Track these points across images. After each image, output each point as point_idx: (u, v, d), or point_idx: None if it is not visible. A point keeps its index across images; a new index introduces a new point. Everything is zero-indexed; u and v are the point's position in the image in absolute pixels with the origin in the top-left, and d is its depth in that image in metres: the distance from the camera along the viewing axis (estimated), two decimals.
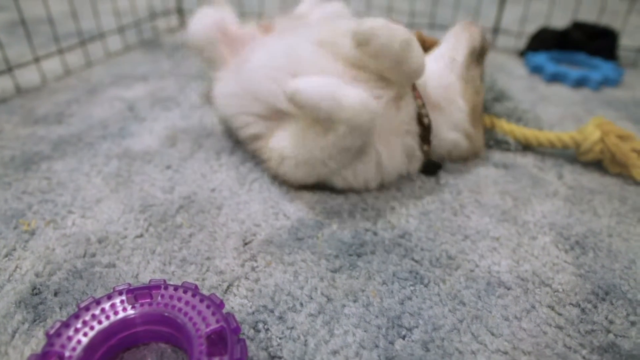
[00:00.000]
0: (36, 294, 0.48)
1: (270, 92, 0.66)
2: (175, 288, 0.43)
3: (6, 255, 0.53)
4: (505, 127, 0.82)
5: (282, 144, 0.65)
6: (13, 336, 0.44)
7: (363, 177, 0.65)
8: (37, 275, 0.51)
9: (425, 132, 0.69)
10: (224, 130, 0.83)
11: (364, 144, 0.61)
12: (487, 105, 0.92)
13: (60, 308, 0.47)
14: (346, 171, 0.65)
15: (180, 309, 0.42)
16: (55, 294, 0.48)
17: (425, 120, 0.68)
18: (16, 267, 0.52)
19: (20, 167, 0.70)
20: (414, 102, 0.68)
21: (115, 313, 0.41)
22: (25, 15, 1.00)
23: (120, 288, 0.43)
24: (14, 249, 0.54)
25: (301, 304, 0.49)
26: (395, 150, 0.67)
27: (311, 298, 0.49)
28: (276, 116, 0.67)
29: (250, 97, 0.69)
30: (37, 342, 0.43)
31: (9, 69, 0.94)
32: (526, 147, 0.82)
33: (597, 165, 0.77)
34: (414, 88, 0.69)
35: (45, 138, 0.78)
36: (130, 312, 0.42)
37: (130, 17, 1.41)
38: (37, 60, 0.99)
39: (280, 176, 0.67)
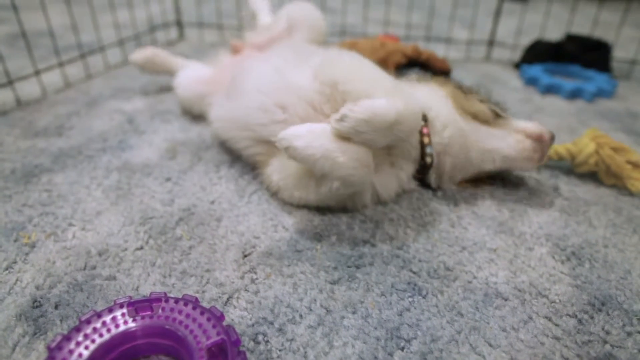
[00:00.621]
0: (37, 307, 0.49)
1: (260, 124, 0.68)
2: (176, 301, 0.44)
3: (7, 268, 0.54)
4: None
5: (278, 177, 0.66)
6: (14, 349, 0.44)
7: (359, 203, 0.67)
8: (37, 288, 0.51)
9: (424, 167, 0.69)
10: (223, 144, 0.84)
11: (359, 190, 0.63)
12: None
13: (61, 321, 0.47)
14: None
15: (181, 322, 0.42)
16: (56, 307, 0.49)
17: (428, 159, 0.68)
18: (17, 280, 0.52)
19: (21, 180, 0.70)
20: (417, 135, 0.68)
21: (116, 326, 0.42)
22: (26, 28, 1.01)
23: (121, 301, 0.44)
24: (15, 262, 0.55)
25: (300, 316, 0.49)
26: (390, 181, 0.68)
27: (310, 310, 0.50)
28: (269, 143, 0.68)
29: (242, 127, 0.71)
30: (37, 355, 0.43)
31: (10, 82, 0.94)
32: None
33: (593, 176, 0.78)
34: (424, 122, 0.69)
35: (45, 151, 0.79)
36: (131, 325, 0.42)
37: (130, 30, 1.42)
38: (37, 73, 1.00)
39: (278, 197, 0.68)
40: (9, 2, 0.96)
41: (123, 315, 0.42)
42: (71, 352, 0.39)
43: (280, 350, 0.45)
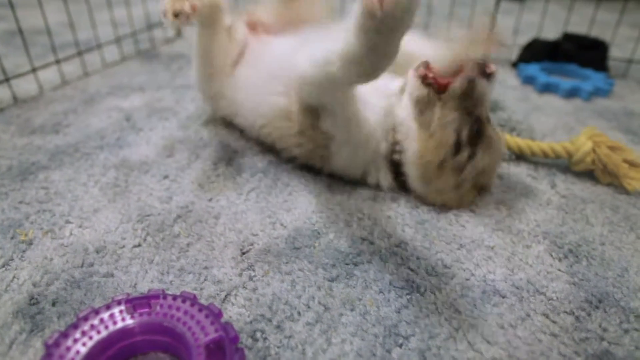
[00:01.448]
0: (34, 304, 0.48)
1: (292, 64, 0.66)
2: (174, 298, 0.44)
3: (3, 266, 0.53)
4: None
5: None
6: (10, 347, 0.44)
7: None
8: (34, 285, 0.51)
9: (393, 166, 0.69)
10: (221, 141, 0.83)
11: None
12: None
13: (59, 318, 0.47)
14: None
15: (179, 319, 0.42)
16: (53, 304, 0.48)
17: (395, 157, 0.68)
18: (14, 277, 0.52)
19: (18, 177, 0.70)
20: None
21: (114, 323, 0.42)
22: (23, 25, 1.01)
23: (119, 298, 0.43)
24: (12, 259, 0.54)
25: (299, 313, 0.49)
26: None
27: (309, 307, 0.50)
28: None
29: (272, 76, 0.72)
30: (34, 352, 0.43)
31: (6, 79, 0.94)
32: (519, 156, 0.83)
33: (590, 174, 0.78)
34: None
35: (42, 148, 0.78)
36: (129, 321, 0.42)
37: (127, 28, 1.42)
38: (34, 70, 0.99)
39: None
40: (6, 0, 0.96)
41: (121, 312, 0.42)
42: (69, 348, 0.39)
43: (278, 347, 0.45)
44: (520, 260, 0.58)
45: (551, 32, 1.55)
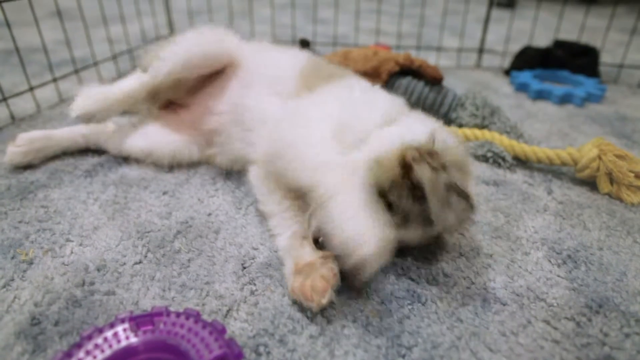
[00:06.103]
0: (35, 324, 0.48)
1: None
2: (178, 315, 0.44)
3: (4, 286, 0.53)
4: (505, 142, 0.84)
5: None
6: None
7: None
8: (36, 305, 0.51)
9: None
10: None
11: None
12: (485, 122, 0.94)
13: (61, 338, 0.47)
14: None
15: (183, 336, 0.42)
16: (55, 324, 0.48)
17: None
18: (15, 297, 0.52)
19: (17, 197, 0.70)
20: None
21: (118, 341, 0.42)
22: (19, 44, 1.02)
23: (122, 316, 0.43)
24: (12, 279, 0.54)
25: (301, 326, 0.49)
26: None
27: (311, 320, 0.50)
28: None
29: None
30: None
31: (4, 99, 0.94)
32: (523, 162, 0.83)
33: (586, 180, 0.78)
34: None
35: (41, 166, 0.78)
36: (133, 340, 0.42)
37: (124, 45, 1.43)
38: (31, 89, 1.00)
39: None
40: (2, 19, 0.96)
41: (125, 330, 0.42)
42: None
43: None
44: (519, 267, 0.58)
45: (542, 40, 1.57)
